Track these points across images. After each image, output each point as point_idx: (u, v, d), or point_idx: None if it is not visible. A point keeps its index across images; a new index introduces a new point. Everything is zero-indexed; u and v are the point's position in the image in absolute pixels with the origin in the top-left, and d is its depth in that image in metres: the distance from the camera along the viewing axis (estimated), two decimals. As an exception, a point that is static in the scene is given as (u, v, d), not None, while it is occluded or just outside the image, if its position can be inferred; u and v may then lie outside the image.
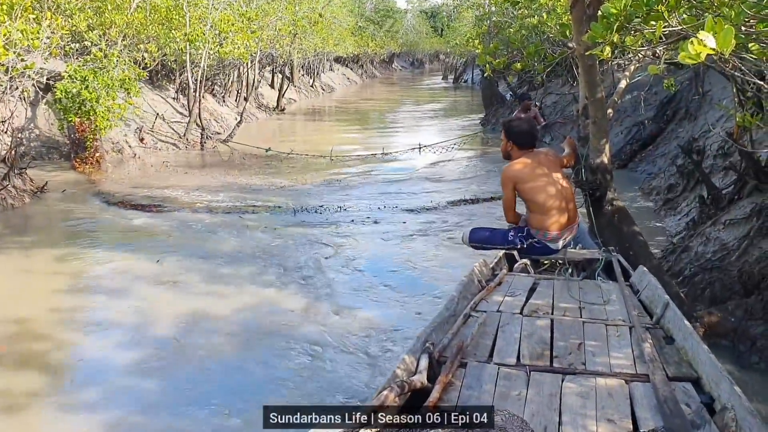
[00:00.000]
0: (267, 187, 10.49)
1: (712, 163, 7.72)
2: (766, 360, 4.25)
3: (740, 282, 4.75)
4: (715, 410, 2.46)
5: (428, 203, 9.27)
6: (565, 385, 2.69)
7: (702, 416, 2.40)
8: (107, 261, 6.73)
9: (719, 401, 2.48)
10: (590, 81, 4.90)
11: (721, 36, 1.89)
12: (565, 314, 3.56)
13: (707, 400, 2.54)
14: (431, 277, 6.35)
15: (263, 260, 6.80)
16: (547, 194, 4.46)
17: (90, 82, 10.44)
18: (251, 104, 19.64)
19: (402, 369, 2.70)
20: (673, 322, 3.25)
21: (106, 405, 4.04)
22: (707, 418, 2.39)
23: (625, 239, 4.81)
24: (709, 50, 1.92)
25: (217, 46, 14.38)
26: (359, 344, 4.93)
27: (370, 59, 48.74)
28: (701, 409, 2.45)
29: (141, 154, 12.46)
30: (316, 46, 25.54)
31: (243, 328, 5.16)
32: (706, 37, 1.90)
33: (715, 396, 2.54)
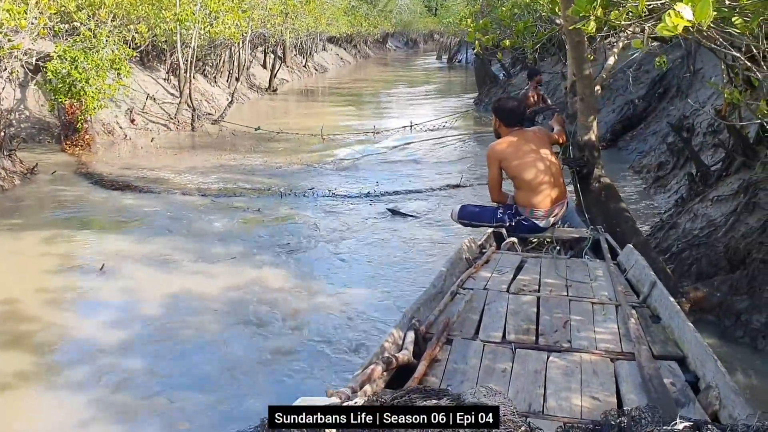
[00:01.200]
0: (257, 169, 10.45)
1: (702, 141, 7.73)
2: (750, 334, 4.29)
3: (726, 257, 4.78)
4: (699, 389, 2.48)
5: (419, 185, 9.27)
6: (550, 362, 2.69)
7: (686, 395, 2.41)
8: (96, 242, 6.73)
9: (704, 380, 2.49)
10: (578, 58, 4.90)
11: (698, 8, 1.89)
12: (552, 292, 3.57)
13: (692, 379, 2.56)
14: (421, 257, 6.36)
15: (252, 241, 6.81)
16: (534, 172, 4.48)
17: (80, 62, 10.34)
18: (243, 85, 19.53)
19: (388, 345, 2.71)
20: (659, 301, 3.27)
21: (95, 384, 4.05)
22: (691, 396, 2.40)
23: (612, 216, 4.82)
24: (686, 22, 1.92)
25: (207, 26, 14.27)
26: (347, 322, 4.96)
27: (363, 39, 48.42)
28: (686, 388, 2.46)
29: (132, 136, 12.40)
30: (309, 26, 25.33)
31: (231, 307, 5.17)
32: (683, 9, 1.90)
33: (700, 375, 2.55)
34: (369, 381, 2.34)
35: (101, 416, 3.71)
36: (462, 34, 32.30)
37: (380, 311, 5.13)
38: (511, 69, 19.86)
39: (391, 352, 2.66)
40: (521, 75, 17.86)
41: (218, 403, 3.86)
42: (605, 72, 5.32)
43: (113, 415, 3.73)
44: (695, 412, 2.28)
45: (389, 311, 5.02)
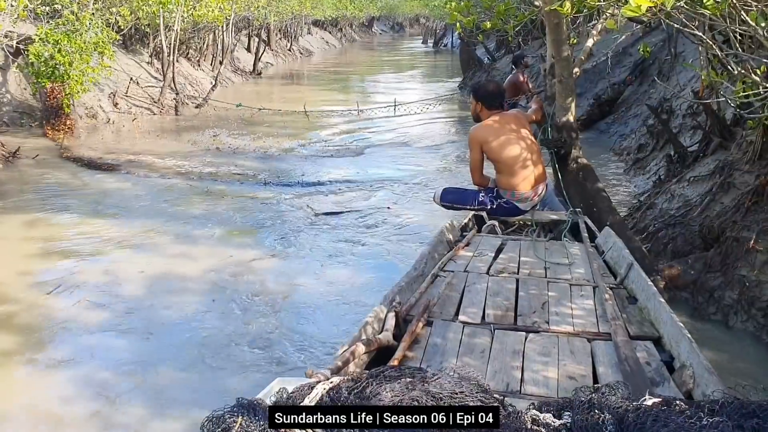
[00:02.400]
0: (241, 153, 10.41)
1: (681, 123, 7.82)
2: (722, 310, 4.38)
3: (701, 236, 4.86)
4: (674, 368, 2.53)
5: (404, 169, 9.27)
6: (528, 343, 2.74)
7: (662, 374, 2.46)
8: (78, 225, 6.71)
9: (679, 359, 2.54)
10: (556, 40, 4.94)
11: (660, -13, 1.94)
12: (531, 274, 3.62)
13: (667, 359, 2.61)
14: (404, 240, 6.38)
15: (234, 225, 6.82)
16: (515, 154, 4.52)
17: (63, 45, 10.24)
18: (227, 68, 19.41)
19: (369, 327, 2.74)
20: (636, 282, 3.32)
21: (75, 362, 4.09)
22: (666, 375, 2.45)
23: (589, 196, 4.90)
24: (649, 3, 1.97)
25: (190, 9, 14.18)
26: (329, 304, 4.98)
27: (349, 23, 48.17)
28: (661, 367, 2.51)
29: (115, 119, 12.32)
30: (294, 9, 25.20)
31: (210, 288, 5.20)
32: (646, -10, 1.95)
33: (675, 354, 2.60)
34: (349, 362, 2.37)
35: (81, 393, 3.75)
36: (448, 17, 32.19)
37: (365, 292, 5.15)
38: (495, 53, 19.87)
39: (371, 333, 2.69)
40: (505, 59, 17.90)
41: (195, 381, 3.89)
42: (583, 54, 5.35)
43: (93, 392, 3.76)
44: (670, 390, 2.33)
45: (374, 292, 4.99)
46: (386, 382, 1.85)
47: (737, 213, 4.72)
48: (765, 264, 4.29)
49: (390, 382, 1.85)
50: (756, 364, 3.98)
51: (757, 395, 1.61)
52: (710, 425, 1.49)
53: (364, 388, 1.82)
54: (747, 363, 3.99)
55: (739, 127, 5.69)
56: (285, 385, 1.86)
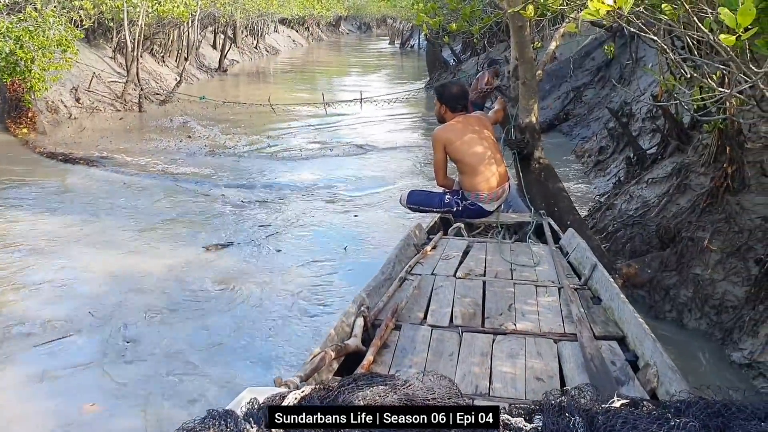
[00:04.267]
0: (204, 150, 10.32)
1: (641, 126, 8.00)
2: (678, 309, 4.50)
3: (658, 236, 4.99)
4: (639, 367, 2.57)
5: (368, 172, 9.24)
6: (495, 345, 2.75)
7: (626, 373, 2.50)
8: (37, 221, 6.60)
9: (643, 358, 2.58)
10: (520, 42, 5.03)
11: (618, -7, 2.01)
12: (497, 276, 3.65)
13: (632, 358, 2.65)
14: (369, 240, 6.38)
15: (196, 223, 6.75)
16: (479, 156, 4.59)
17: (25, 41, 10.02)
18: (192, 65, 19.22)
19: (337, 332, 2.72)
20: (600, 282, 3.36)
21: (31, 360, 4.04)
22: (631, 374, 2.49)
23: (550, 195, 4.99)
24: (608, 7, 2.03)
25: (155, 4, 14.00)
26: (294, 305, 4.94)
27: (316, 22, 48.02)
28: (626, 366, 2.55)
29: (77, 114, 12.13)
30: (260, 7, 25.02)
31: (169, 287, 5.15)
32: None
33: (639, 353, 2.63)
34: (318, 369, 2.36)
35: (38, 392, 3.71)
36: (414, 18, 32.28)
37: (332, 295, 5.14)
38: (461, 55, 20.03)
39: (340, 339, 2.68)
40: (471, 61, 18.07)
41: (156, 382, 3.85)
42: (546, 57, 5.46)
43: (50, 391, 3.72)
44: (635, 389, 2.37)
45: (341, 296, 5.03)
46: (358, 390, 1.86)
47: (692, 214, 4.85)
48: (718, 263, 4.43)
49: (362, 390, 1.86)
50: (708, 363, 4.11)
51: (720, 395, 1.67)
52: (678, 426, 1.51)
53: (336, 396, 1.83)
54: (700, 362, 4.12)
55: (696, 131, 5.85)
56: (255, 395, 1.84)
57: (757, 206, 4.52)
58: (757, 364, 3.80)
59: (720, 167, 4.83)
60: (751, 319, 3.98)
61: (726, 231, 4.52)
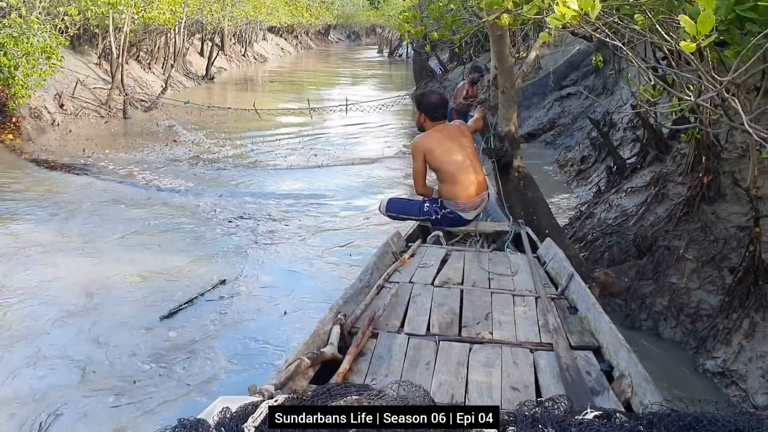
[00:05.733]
0: (189, 159, 10.29)
1: (622, 136, 8.05)
2: (654, 317, 4.52)
3: (635, 245, 5.01)
4: (614, 377, 2.56)
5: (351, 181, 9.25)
6: (472, 354, 2.74)
7: (601, 383, 2.49)
8: (13, 228, 6.56)
9: (618, 369, 2.58)
10: (499, 51, 5.06)
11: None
12: (475, 285, 3.63)
13: (607, 368, 2.64)
14: (350, 251, 6.37)
15: (178, 232, 6.73)
16: (458, 165, 4.60)
17: (9, 49, 9.96)
18: (178, 72, 19.20)
19: (313, 340, 2.70)
20: (577, 292, 3.36)
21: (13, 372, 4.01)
22: (606, 384, 2.48)
23: (529, 204, 5.01)
24: (573, 12, 2.05)
25: (141, 11, 13.98)
26: (273, 312, 4.94)
27: (305, 30, 48.12)
28: (601, 377, 2.55)
29: (60, 121, 12.06)
30: (248, 14, 25.06)
31: (147, 294, 5.13)
32: (569, 0, 2.03)
33: (614, 364, 2.63)
34: (293, 377, 2.34)
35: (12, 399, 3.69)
36: (403, 28, 32.38)
37: (311, 303, 5.13)
38: (448, 64, 20.10)
39: (316, 347, 2.66)
40: (458, 70, 18.13)
41: (130, 391, 3.84)
42: (526, 66, 5.48)
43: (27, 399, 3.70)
44: (609, 399, 2.37)
45: (320, 303, 5.00)
46: (332, 399, 1.85)
47: (669, 223, 4.88)
48: (693, 272, 4.45)
49: (335, 399, 1.85)
50: (682, 372, 4.12)
51: (693, 407, 1.66)
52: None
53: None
54: (674, 370, 4.13)
55: (675, 141, 5.90)
56: (228, 404, 1.82)
57: (732, 215, 4.55)
58: (729, 372, 3.82)
59: (696, 177, 4.87)
60: (725, 328, 4.00)
61: (701, 240, 4.55)
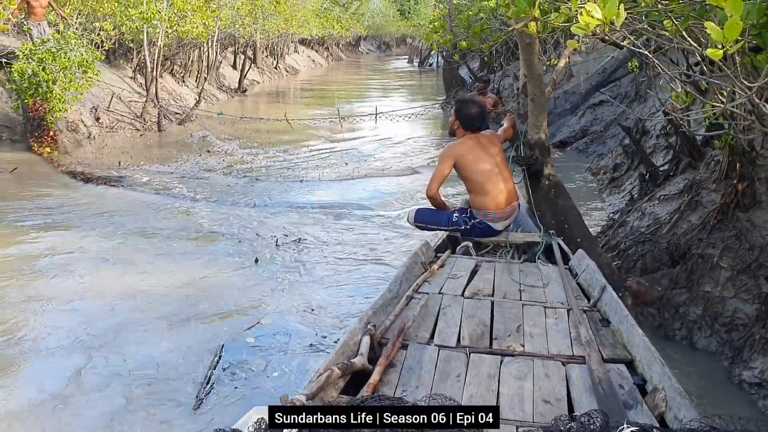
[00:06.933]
0: (222, 170, 10.40)
1: (655, 143, 7.96)
2: (687, 326, 4.45)
3: (668, 253, 4.94)
4: (647, 391, 2.54)
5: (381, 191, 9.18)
6: (503, 367, 2.73)
7: (634, 397, 2.47)
8: (54, 239, 6.68)
9: (651, 382, 2.56)
10: (528, 59, 5.04)
11: (606, 7, 2.02)
12: (506, 297, 3.61)
13: (640, 381, 2.62)
14: (381, 261, 6.34)
15: (212, 243, 6.78)
16: (488, 175, 4.60)
17: (47, 63, 10.23)
18: (212, 85, 19.46)
19: (343, 351, 2.71)
20: (609, 305, 3.33)
21: (43, 377, 4.09)
22: (639, 398, 2.46)
23: (560, 212, 4.97)
24: (597, 21, 2.04)
25: (174, 25, 14.23)
26: (304, 324, 4.94)
27: (336, 42, 48.45)
28: (634, 390, 2.52)
29: (96, 134, 12.30)
30: (280, 27, 25.31)
31: (184, 306, 5.17)
32: (593, 9, 2.03)
33: (648, 377, 2.61)
34: (324, 388, 2.36)
35: (48, 408, 3.75)
36: (433, 37, 32.45)
37: (342, 314, 5.11)
38: (478, 73, 20.06)
39: (346, 357, 2.67)
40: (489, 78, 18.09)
41: (164, 401, 3.87)
42: (556, 74, 5.45)
43: (60, 407, 3.76)
44: (643, 414, 2.34)
45: (351, 314, 5.01)
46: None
47: (703, 231, 4.81)
48: (728, 280, 4.38)
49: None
50: (718, 382, 4.04)
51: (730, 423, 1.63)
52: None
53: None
54: (709, 381, 4.05)
55: (709, 147, 5.81)
56: (262, 414, 1.84)
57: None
58: (766, 383, 3.74)
59: (731, 184, 4.79)
60: (762, 338, 3.92)
61: (736, 248, 4.47)
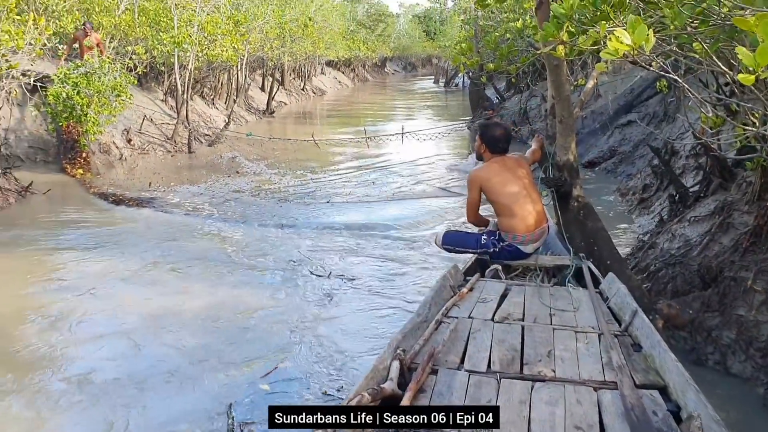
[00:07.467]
0: (251, 191, 10.51)
1: (684, 163, 7.88)
2: (720, 351, 4.37)
3: (699, 276, 4.87)
4: (681, 418, 2.49)
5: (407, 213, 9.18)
6: (534, 392, 2.70)
7: (669, 424, 2.42)
8: (85, 261, 6.79)
9: (686, 410, 2.50)
10: (556, 81, 5.04)
11: (635, 34, 2.03)
12: (536, 321, 3.58)
13: (674, 408, 2.57)
14: (408, 285, 6.30)
15: (241, 263, 6.83)
16: (516, 197, 4.58)
17: (82, 87, 10.49)
18: (240, 107, 19.72)
19: (372, 376, 2.70)
20: (641, 329, 3.29)
21: (73, 396, 4.15)
22: (674, 426, 2.41)
23: (590, 234, 4.94)
24: (626, 47, 2.05)
25: (205, 49, 14.50)
26: (325, 367, 4.85)
27: (362, 63, 48.90)
28: (668, 417, 2.48)
29: (128, 156, 12.53)
30: (307, 50, 25.65)
31: (213, 328, 5.22)
32: (622, 35, 2.04)
33: (682, 404, 2.56)
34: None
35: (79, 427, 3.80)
36: (459, 58, 32.61)
37: (368, 337, 5.10)
38: (505, 93, 20.11)
39: (375, 382, 2.66)
40: (515, 98, 18.11)
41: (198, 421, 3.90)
42: (584, 95, 5.45)
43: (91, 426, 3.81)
44: None
45: (377, 338, 5.01)
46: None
47: (735, 253, 4.74)
48: (762, 304, 4.30)
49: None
50: (754, 410, 3.95)
51: None
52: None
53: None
54: (744, 408, 3.96)
55: (740, 168, 5.75)
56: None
57: (803, 245, 4.39)
58: (804, 409, 3.66)
59: (764, 205, 4.73)
60: (799, 363, 3.84)
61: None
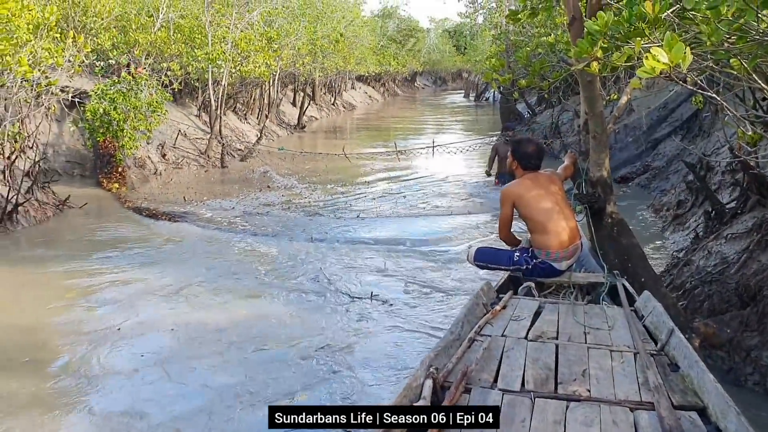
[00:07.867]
0: (284, 205, 10.60)
1: (720, 179, 7.77)
2: (760, 372, 4.28)
3: (737, 294, 4.79)
4: None
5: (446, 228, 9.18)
6: (569, 412, 2.66)
7: None
8: (120, 274, 6.89)
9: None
10: (589, 96, 5.01)
11: (672, 52, 2.02)
12: (570, 339, 3.53)
13: (713, 431, 2.51)
14: (439, 302, 6.28)
15: (272, 277, 6.89)
16: (549, 214, 4.55)
17: (119, 103, 10.72)
18: (272, 122, 19.94)
19: (405, 394, 2.68)
20: (678, 349, 3.22)
21: (104, 409, 4.22)
22: None
23: (624, 251, 4.88)
24: (662, 65, 2.04)
25: (238, 65, 14.71)
26: (360, 363, 4.93)
27: (392, 77, 49.11)
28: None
29: (163, 170, 12.74)
30: (338, 66, 25.87)
31: (243, 342, 5.25)
32: (658, 53, 2.03)
33: (722, 427, 2.49)
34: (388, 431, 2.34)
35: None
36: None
37: (399, 355, 5.08)
38: (536, 107, 20.03)
39: (408, 401, 2.64)
40: (546, 113, 18.03)
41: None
42: (618, 111, 5.41)
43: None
44: None
45: (407, 356, 4.98)
46: None
47: (775, 271, 4.66)
48: (803, 324, 4.21)
49: None
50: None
51: None
52: None
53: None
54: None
55: (779, 185, 5.66)
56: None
57: None
58: None
59: (803, 223, 4.65)
60: (841, 385, 3.75)
61: (811, 290, 4.31)
